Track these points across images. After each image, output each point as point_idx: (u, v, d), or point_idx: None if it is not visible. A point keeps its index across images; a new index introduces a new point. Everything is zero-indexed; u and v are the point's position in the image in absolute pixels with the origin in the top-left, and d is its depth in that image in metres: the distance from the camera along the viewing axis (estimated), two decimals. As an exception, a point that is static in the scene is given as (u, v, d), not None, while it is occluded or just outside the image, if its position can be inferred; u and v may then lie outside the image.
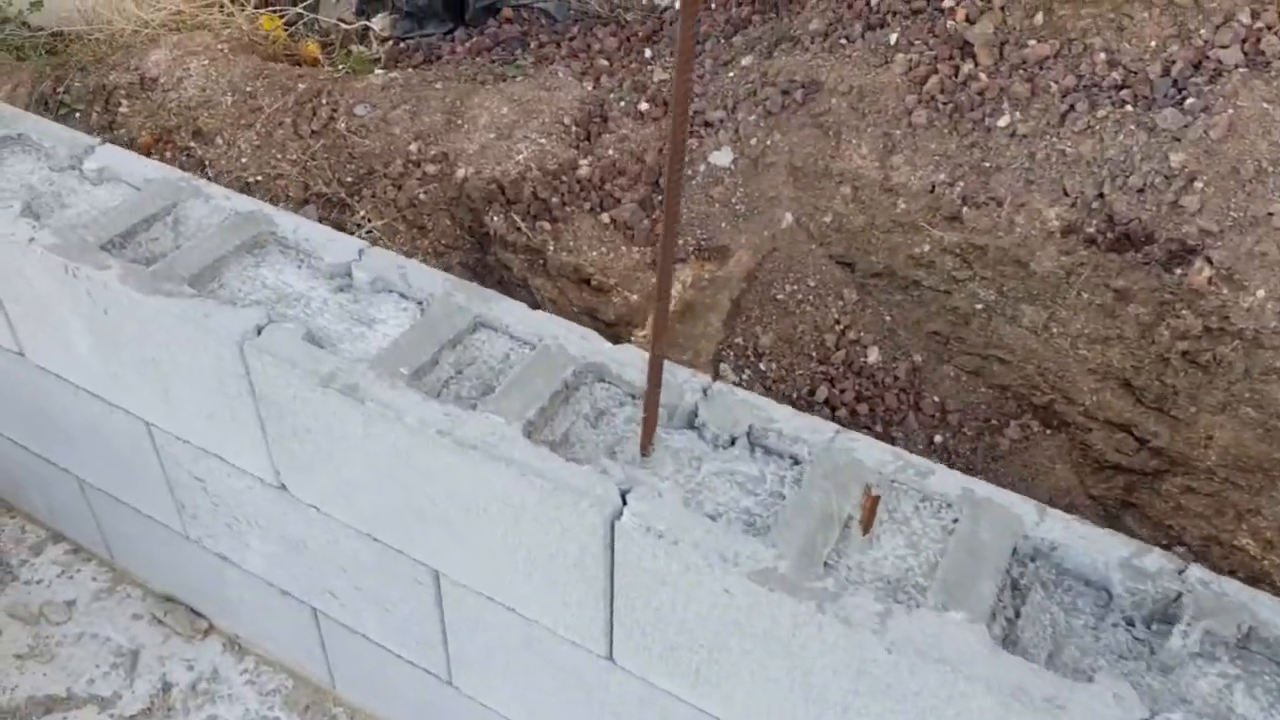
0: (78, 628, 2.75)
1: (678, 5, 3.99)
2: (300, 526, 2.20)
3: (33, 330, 2.35)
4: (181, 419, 2.22)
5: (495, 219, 3.25)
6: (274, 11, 4.45)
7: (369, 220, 3.37)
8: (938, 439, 2.85)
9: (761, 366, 3.01)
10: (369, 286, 2.10)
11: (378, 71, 3.77)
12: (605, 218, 3.19)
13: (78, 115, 3.79)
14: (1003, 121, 2.76)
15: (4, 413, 2.70)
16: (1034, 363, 2.74)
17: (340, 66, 3.84)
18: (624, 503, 1.63)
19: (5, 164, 2.41)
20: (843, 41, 3.17)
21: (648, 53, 3.71)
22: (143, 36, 4.25)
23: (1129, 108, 2.66)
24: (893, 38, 3.06)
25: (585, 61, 3.74)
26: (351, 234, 3.35)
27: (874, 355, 2.97)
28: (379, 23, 4.37)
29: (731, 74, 3.40)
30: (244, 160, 3.54)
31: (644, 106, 3.44)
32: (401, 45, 4.25)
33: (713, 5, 3.83)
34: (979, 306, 2.81)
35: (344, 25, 4.33)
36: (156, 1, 4.44)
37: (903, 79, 2.95)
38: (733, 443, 1.77)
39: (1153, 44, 2.73)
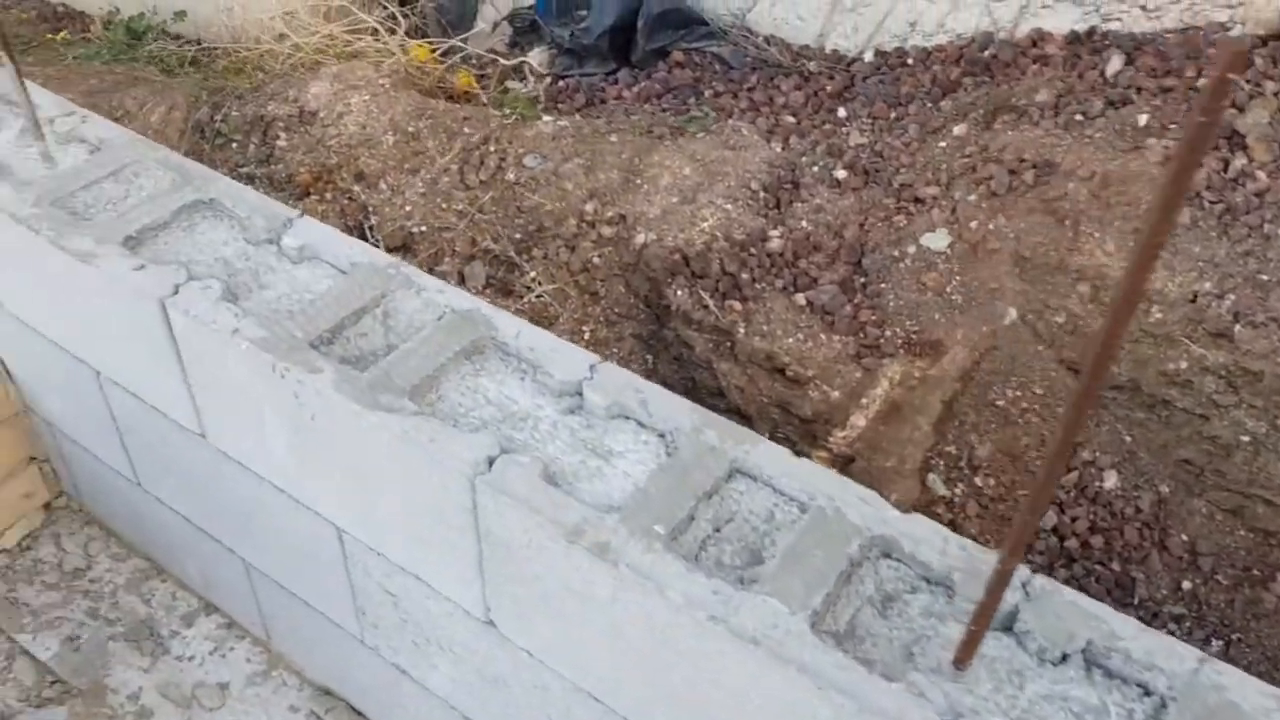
0: (231, 716, 2.59)
1: (868, 58, 3.71)
2: (505, 666, 1.98)
3: (220, 416, 2.17)
4: (382, 534, 2.02)
5: (679, 293, 3.00)
6: (429, 43, 4.27)
7: (539, 283, 3.15)
8: (1186, 585, 2.53)
9: (977, 481, 2.71)
10: (603, 411, 1.86)
11: (546, 118, 3.55)
12: (800, 299, 2.93)
13: (234, 145, 3.65)
14: (1288, 231, 2.43)
15: (170, 483, 2.54)
16: (1311, 509, 2.41)
17: (507, 111, 3.64)
18: (948, 737, 1.37)
19: (198, 231, 2.24)
20: (1079, 118, 2.85)
21: (841, 111, 3.43)
22: (294, 61, 4.11)
23: None
24: (1142, 119, 2.74)
25: (770, 117, 3.48)
26: (522, 296, 3.14)
27: (1111, 481, 2.66)
28: (536, 57, 4.16)
29: (943, 144, 3.10)
30: (408, 208, 3.36)
31: (841, 174, 3.17)
32: (560, 84, 4.03)
33: (910, 60, 3.53)
34: (1244, 438, 2.49)
35: (500, 60, 4.13)
36: (308, 24, 4.30)
37: (1158, 169, 2.63)
38: (1063, 659, 1.49)
39: None
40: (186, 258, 2.17)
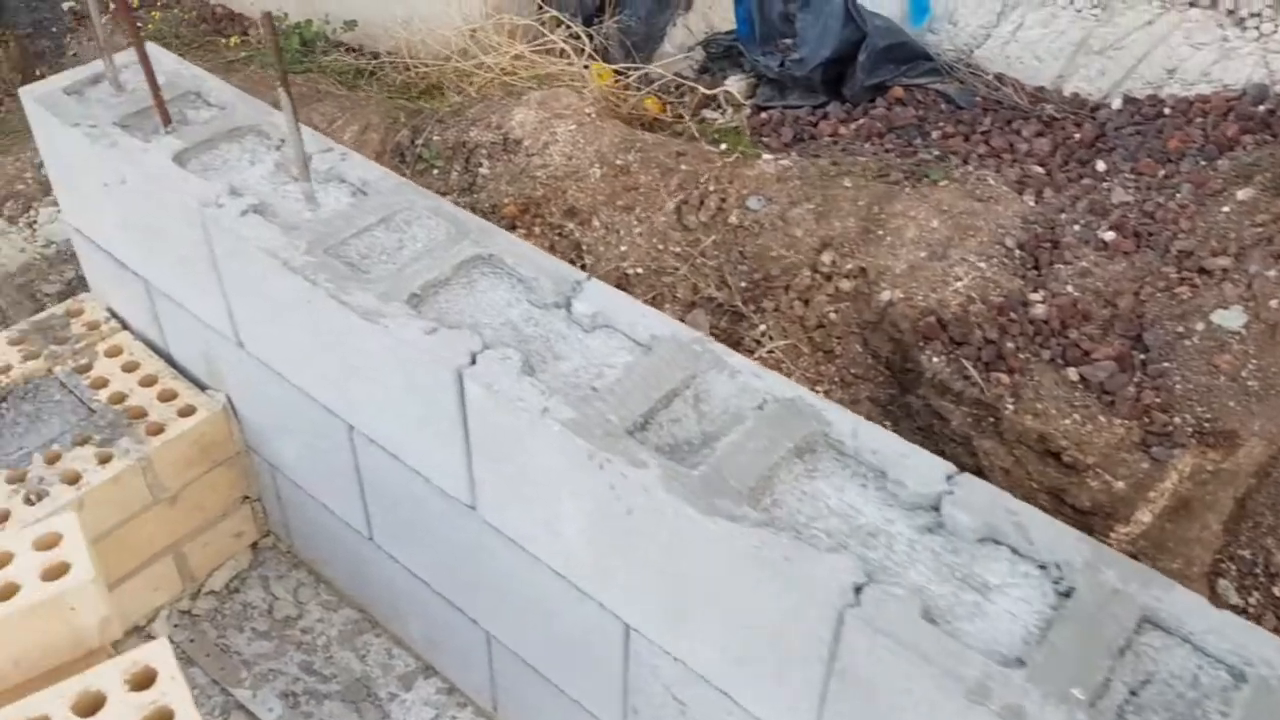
0: (457, 791, 2.44)
1: (1115, 104, 3.43)
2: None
3: (500, 491, 2.00)
4: (690, 643, 1.83)
5: (934, 359, 2.77)
6: (617, 70, 4.09)
7: (770, 337, 2.95)
8: None
9: (1275, 592, 2.44)
10: (970, 533, 1.65)
11: (766, 156, 3.34)
12: (1072, 374, 2.68)
13: (435, 172, 3.51)
14: None
15: (412, 544, 2.39)
16: None
17: (724, 146, 3.44)
18: None
19: (478, 289, 2.08)
20: None
21: (1099, 165, 3.16)
22: (482, 82, 3.97)
23: None
24: None
25: (1015, 166, 3.22)
26: (751, 350, 2.94)
27: None
28: (734, 85, 3.95)
29: (1226, 208, 2.82)
30: (623, 248, 3.18)
31: (1108, 235, 2.91)
32: (762, 115, 3.82)
33: (1168, 110, 3.25)
34: None
35: (699, 88, 3.92)
36: (494, 43, 4.16)
37: None
38: None
39: None
40: (473, 320, 2.01)
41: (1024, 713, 1.39)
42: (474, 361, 1.88)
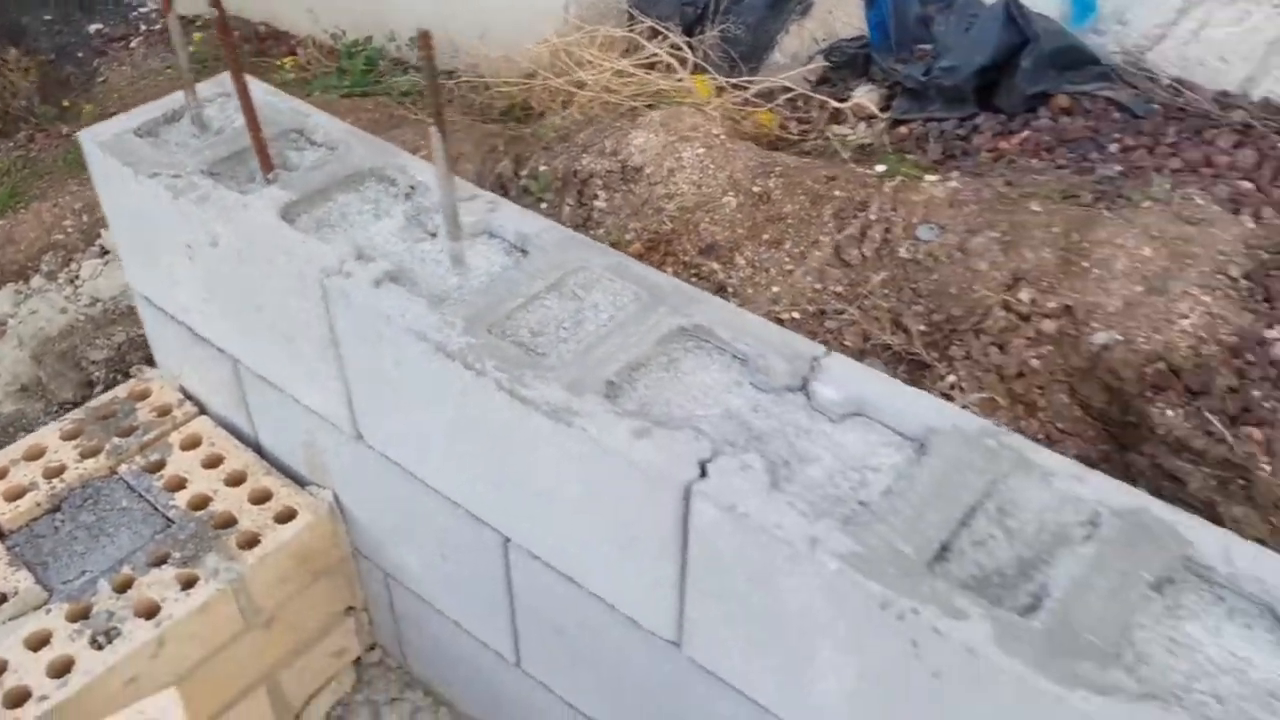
0: None
1: (1324, 105, 2.98)
2: None
3: (721, 634, 1.58)
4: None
5: (1168, 413, 2.33)
6: (725, 85, 3.67)
7: (962, 389, 2.51)
8: None
9: None
10: None
11: (929, 178, 2.92)
12: (1341, 428, 2.23)
13: (544, 206, 3.10)
14: None
15: (578, 677, 1.97)
16: None
17: (884, 169, 3.01)
18: None
19: (683, 371, 1.66)
20: None
21: (1326, 175, 2.72)
22: (582, 101, 3.56)
23: None
24: None
25: (1218, 182, 2.78)
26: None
27: None
28: (865, 96, 3.53)
29: None
30: (775, 289, 2.76)
31: (1357, 260, 2.46)
32: (902, 129, 3.39)
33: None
34: None
35: (829, 101, 3.50)
36: (585, 57, 3.75)
37: None
38: None
39: None
40: (685, 413, 1.59)
41: None
42: (704, 473, 1.46)
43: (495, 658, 2.12)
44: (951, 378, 2.52)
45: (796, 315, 2.70)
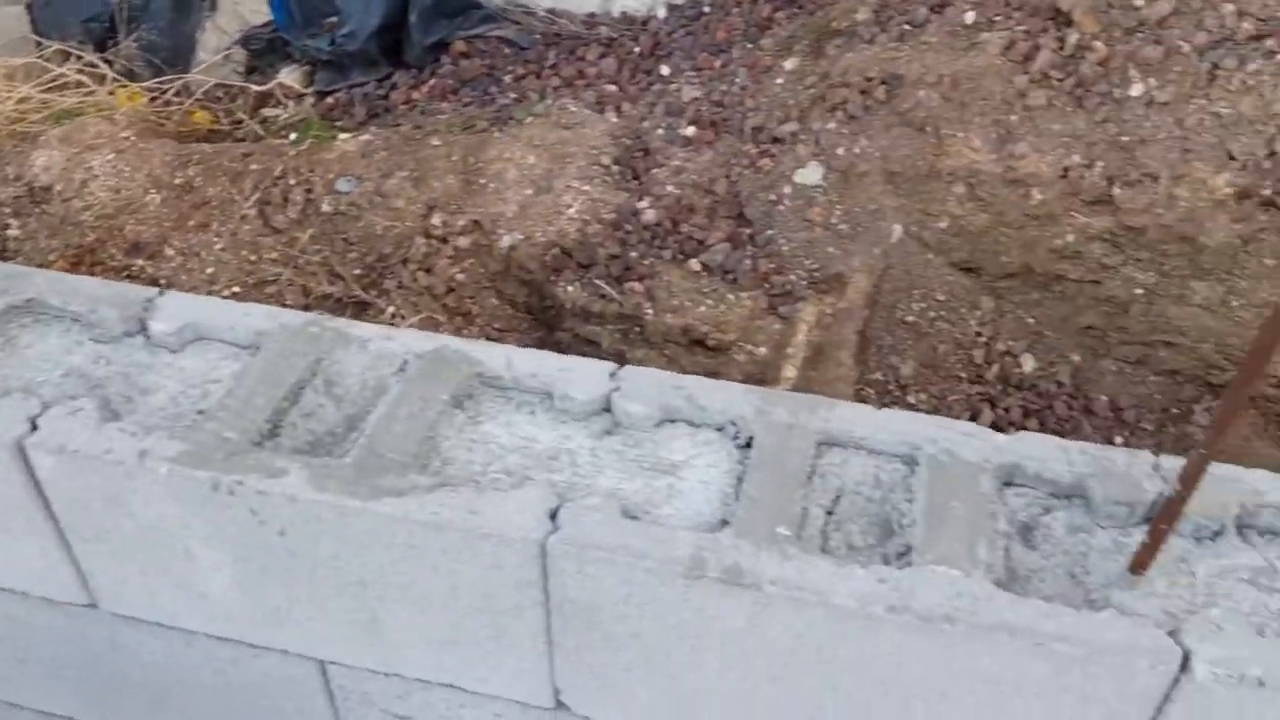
0: None
1: (661, 13, 3.59)
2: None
3: (120, 573, 1.66)
4: (396, 651, 1.63)
5: (569, 289, 2.74)
6: (144, 86, 3.62)
7: (402, 316, 2.76)
8: (1118, 439, 2.67)
9: (910, 400, 2.70)
10: (645, 421, 1.60)
11: (342, 136, 3.12)
12: (695, 264, 2.77)
13: (-50, 249, 2.88)
14: (1135, 90, 2.58)
15: (19, 682, 1.94)
16: (1211, 340, 2.60)
17: (294, 137, 3.15)
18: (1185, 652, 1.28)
19: (22, 346, 1.69)
20: (907, 27, 2.90)
21: (664, 69, 3.28)
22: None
23: (1282, 58, 2.53)
24: (969, 16, 2.83)
25: (589, 89, 3.27)
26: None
27: (1029, 364, 2.74)
28: (289, 76, 3.65)
29: (779, 80, 3.05)
30: (210, 270, 2.82)
31: (688, 130, 3.03)
32: (329, 100, 3.56)
33: (707, 8, 3.45)
34: (1138, 291, 2.64)
35: (250, 87, 3.57)
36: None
37: (1003, 60, 2.72)
38: (1218, 534, 1.46)
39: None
40: (23, 382, 1.63)
41: (740, 568, 1.37)
42: (35, 427, 1.52)
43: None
44: (391, 309, 2.75)
45: (238, 289, 2.78)
